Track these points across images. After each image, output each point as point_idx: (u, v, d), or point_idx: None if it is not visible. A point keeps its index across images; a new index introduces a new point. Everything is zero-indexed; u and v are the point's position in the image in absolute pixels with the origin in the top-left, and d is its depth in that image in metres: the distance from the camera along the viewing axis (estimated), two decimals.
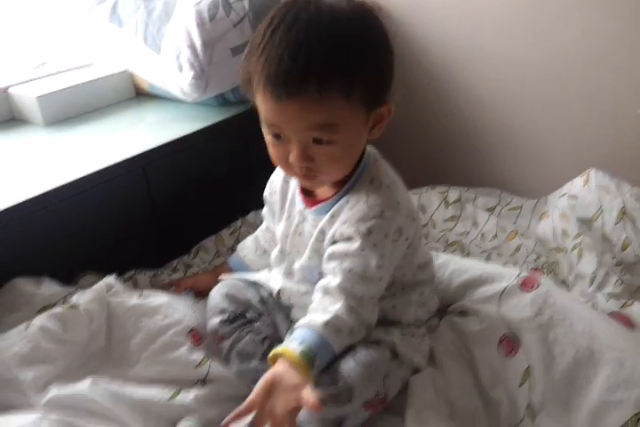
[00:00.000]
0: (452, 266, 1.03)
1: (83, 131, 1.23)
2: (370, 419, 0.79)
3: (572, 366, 0.82)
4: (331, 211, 0.83)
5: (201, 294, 1.03)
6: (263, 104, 0.75)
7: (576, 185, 1.32)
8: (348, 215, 0.81)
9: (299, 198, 0.89)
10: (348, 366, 0.77)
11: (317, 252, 0.86)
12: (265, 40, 0.72)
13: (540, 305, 0.88)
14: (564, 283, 1.13)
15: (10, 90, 1.27)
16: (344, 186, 0.83)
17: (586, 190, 1.29)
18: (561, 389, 0.81)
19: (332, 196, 0.84)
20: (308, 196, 0.88)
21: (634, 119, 1.34)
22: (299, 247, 0.89)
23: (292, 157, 0.76)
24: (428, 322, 0.92)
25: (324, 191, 0.86)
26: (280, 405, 0.70)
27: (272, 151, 0.80)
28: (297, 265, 0.89)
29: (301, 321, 0.79)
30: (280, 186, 0.93)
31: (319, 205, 0.85)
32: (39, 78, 1.33)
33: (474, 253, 1.25)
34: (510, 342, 0.86)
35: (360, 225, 0.79)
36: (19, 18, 1.52)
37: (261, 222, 1.05)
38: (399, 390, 0.82)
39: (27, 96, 1.24)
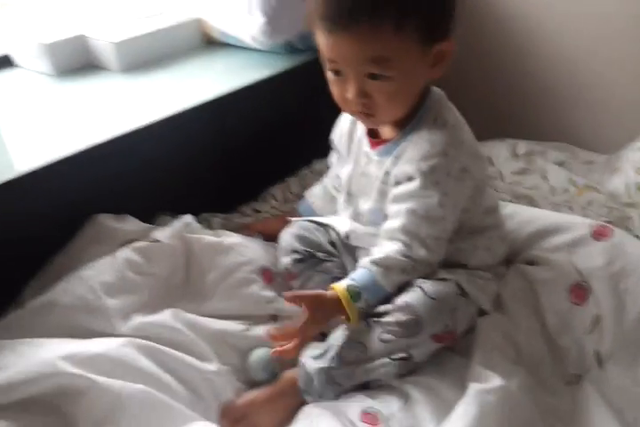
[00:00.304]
0: (520, 215, 1.02)
1: (157, 77, 1.26)
2: (436, 357, 0.82)
3: None
4: (394, 152, 0.83)
5: (269, 237, 1.06)
6: (320, 40, 0.76)
7: None
8: (410, 155, 0.81)
9: (365, 140, 0.89)
10: (417, 297, 0.79)
11: (384, 194, 0.86)
12: None
13: (612, 254, 0.87)
14: (637, 238, 1.10)
15: (88, 36, 1.30)
16: (407, 126, 0.83)
17: None
18: (631, 338, 0.81)
19: (395, 136, 0.84)
20: (374, 137, 0.88)
21: None
22: (365, 190, 0.90)
23: (350, 93, 0.77)
24: (495, 269, 0.92)
25: (388, 132, 0.86)
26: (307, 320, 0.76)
27: (333, 89, 0.81)
28: (364, 208, 0.90)
29: (360, 262, 0.82)
30: (347, 128, 0.93)
31: (383, 146, 0.85)
32: (115, 25, 1.36)
33: (542, 207, 1.22)
34: (580, 291, 0.86)
35: (421, 163, 0.79)
36: None
37: (328, 170, 1.06)
38: (465, 331, 0.84)
39: (105, 42, 1.27)
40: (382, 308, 0.80)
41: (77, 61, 1.31)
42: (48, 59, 1.27)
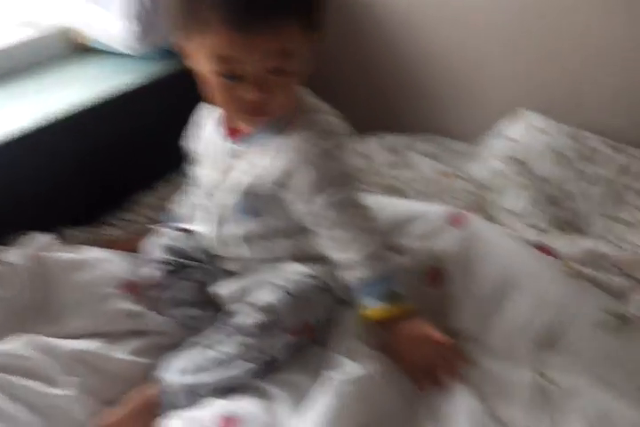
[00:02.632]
0: (384, 207, 1.04)
1: (23, 87, 1.20)
2: (298, 351, 0.82)
3: (491, 293, 0.86)
4: (264, 142, 0.83)
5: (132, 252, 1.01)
6: (217, 39, 0.73)
7: (510, 126, 1.34)
8: (291, 152, 0.80)
9: (223, 136, 0.88)
10: (277, 296, 0.79)
11: (251, 186, 0.84)
12: None
13: (465, 239, 0.91)
14: (496, 220, 1.16)
15: None
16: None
17: (519, 130, 1.31)
18: (481, 315, 0.85)
19: (258, 126, 0.83)
20: (232, 132, 0.87)
21: (561, 62, 1.36)
22: (228, 186, 0.88)
23: (252, 92, 0.75)
24: None
25: (245, 126, 0.85)
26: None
27: (220, 94, 0.78)
28: (228, 207, 0.88)
29: (352, 282, 0.83)
30: (198, 132, 0.93)
31: (248, 136, 0.84)
32: None
33: (412, 197, 1.26)
34: (436, 274, 0.89)
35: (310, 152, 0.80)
36: None
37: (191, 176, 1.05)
38: (327, 322, 0.84)
39: None
40: (239, 308, 0.80)
41: None
42: None
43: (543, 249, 0.95)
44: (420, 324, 0.80)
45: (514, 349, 0.82)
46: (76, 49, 1.36)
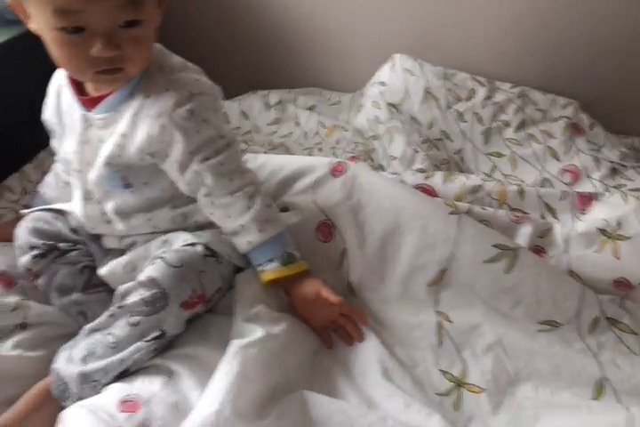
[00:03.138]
0: (269, 166, 1.02)
1: None
2: (197, 322, 0.80)
3: (381, 240, 0.86)
4: (122, 106, 0.77)
5: (7, 241, 0.94)
6: None
7: (384, 72, 1.34)
8: (154, 111, 0.75)
9: (76, 104, 0.81)
10: (160, 268, 0.75)
11: (115, 155, 0.78)
12: None
13: (349, 188, 0.90)
14: (380, 167, 1.17)
15: None
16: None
17: (393, 75, 1.32)
18: (374, 263, 0.86)
19: (115, 89, 0.77)
20: (88, 99, 0.80)
21: (432, 5, 1.37)
22: (90, 158, 0.82)
23: (98, 48, 0.68)
24: None
25: (99, 88, 0.79)
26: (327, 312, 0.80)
27: (66, 52, 0.70)
28: (93, 178, 0.82)
29: (242, 247, 0.81)
30: (53, 103, 0.85)
31: (105, 102, 0.78)
32: None
33: (296, 152, 1.26)
34: (326, 228, 0.89)
35: (174, 114, 0.75)
36: None
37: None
38: (223, 289, 0.82)
39: None
40: (124, 287, 0.76)
41: None
42: None
43: (425, 190, 0.97)
44: (312, 285, 0.80)
45: (411, 293, 0.84)
46: None
